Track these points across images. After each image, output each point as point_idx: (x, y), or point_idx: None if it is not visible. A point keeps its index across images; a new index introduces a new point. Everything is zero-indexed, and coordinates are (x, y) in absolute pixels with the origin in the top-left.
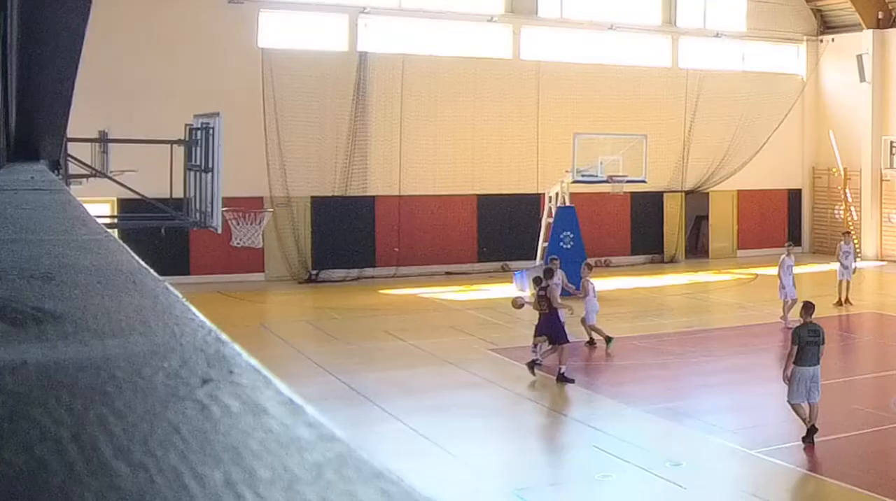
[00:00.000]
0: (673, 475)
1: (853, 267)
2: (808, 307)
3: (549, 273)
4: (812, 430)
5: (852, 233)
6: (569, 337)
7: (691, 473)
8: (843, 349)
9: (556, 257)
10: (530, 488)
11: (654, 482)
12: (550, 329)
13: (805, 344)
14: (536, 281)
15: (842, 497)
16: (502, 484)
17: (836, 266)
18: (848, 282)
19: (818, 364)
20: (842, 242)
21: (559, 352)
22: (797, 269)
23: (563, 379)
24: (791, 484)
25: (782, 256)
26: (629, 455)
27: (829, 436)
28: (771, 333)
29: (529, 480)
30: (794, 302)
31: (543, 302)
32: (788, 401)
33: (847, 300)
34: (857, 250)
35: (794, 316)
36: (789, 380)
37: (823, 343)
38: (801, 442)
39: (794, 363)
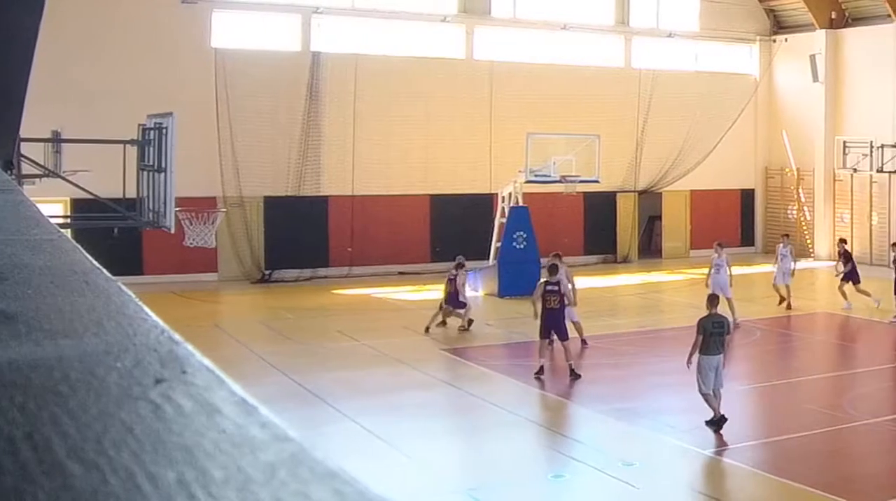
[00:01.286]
0: (626, 475)
1: (792, 268)
2: (712, 299)
3: (554, 268)
4: (722, 420)
5: (791, 235)
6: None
7: (644, 473)
8: (796, 349)
9: (559, 253)
10: (483, 488)
11: (606, 482)
12: (558, 325)
13: (710, 334)
14: (552, 269)
15: (795, 496)
16: (455, 484)
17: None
18: (787, 286)
19: (722, 352)
20: (780, 244)
21: (566, 350)
22: (749, 269)
23: (574, 374)
24: (744, 484)
25: (712, 256)
26: (582, 454)
27: (782, 436)
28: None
29: (482, 480)
30: (728, 300)
31: (554, 297)
32: (700, 391)
33: (789, 304)
34: (811, 250)
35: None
36: (697, 370)
37: (729, 333)
38: (711, 431)
39: (700, 352)
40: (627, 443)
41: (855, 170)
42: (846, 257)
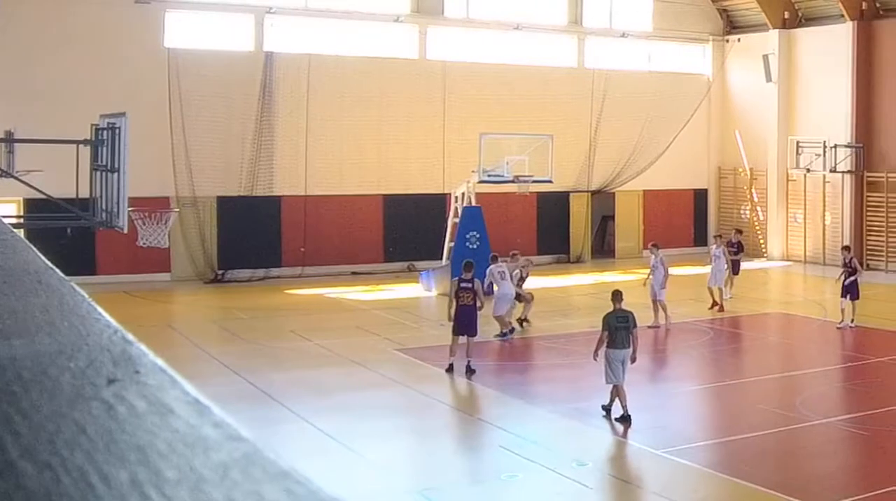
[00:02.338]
0: (579, 474)
1: (724, 269)
2: (616, 295)
3: (469, 266)
4: (610, 412)
5: (722, 236)
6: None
7: (597, 473)
8: (748, 349)
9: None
10: (437, 488)
11: (560, 481)
12: (470, 322)
13: (615, 329)
14: (467, 266)
15: (748, 496)
16: (409, 484)
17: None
18: (720, 289)
19: (628, 347)
20: (713, 245)
21: (469, 345)
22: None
23: (470, 370)
24: (697, 484)
25: (651, 257)
26: (535, 454)
27: (735, 436)
28: (676, 333)
29: (436, 480)
30: (660, 302)
31: (468, 294)
32: (607, 382)
33: (721, 307)
34: (764, 251)
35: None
36: (606, 363)
37: (635, 326)
38: (620, 422)
39: (608, 346)
40: (581, 443)
41: (808, 170)
42: (850, 268)
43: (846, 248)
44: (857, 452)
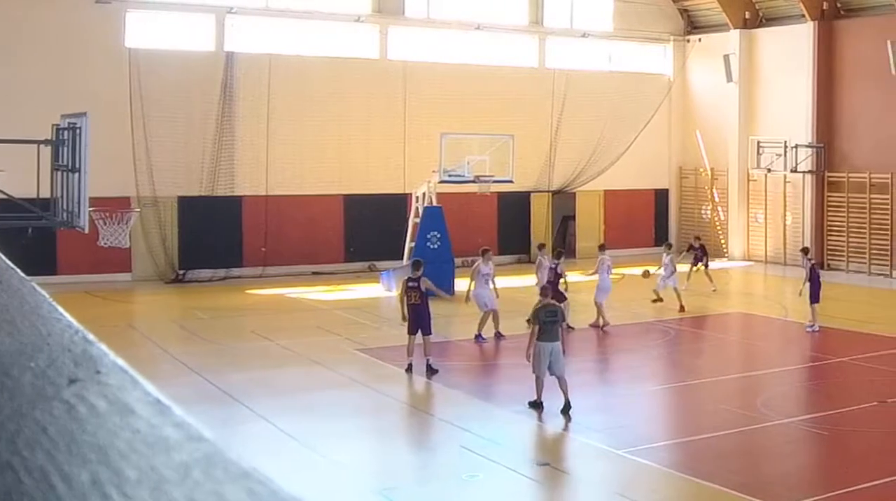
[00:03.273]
0: (540, 474)
1: (673, 274)
2: (544, 290)
3: (417, 265)
4: (567, 407)
5: (673, 244)
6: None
7: (558, 473)
8: (710, 349)
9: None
10: (397, 488)
11: (521, 481)
12: (421, 320)
13: (544, 323)
14: (416, 265)
15: (708, 496)
16: (370, 484)
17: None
18: (675, 289)
19: (558, 340)
20: (664, 254)
21: (426, 344)
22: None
23: (431, 369)
24: (658, 484)
25: (601, 257)
26: (496, 454)
27: (696, 436)
28: (638, 333)
29: (397, 480)
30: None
31: (415, 293)
32: (533, 372)
33: (659, 298)
34: (725, 251)
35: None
36: (535, 356)
37: (563, 320)
38: (536, 412)
39: (537, 340)
40: (541, 443)
41: (769, 170)
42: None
43: (805, 250)
44: (817, 452)
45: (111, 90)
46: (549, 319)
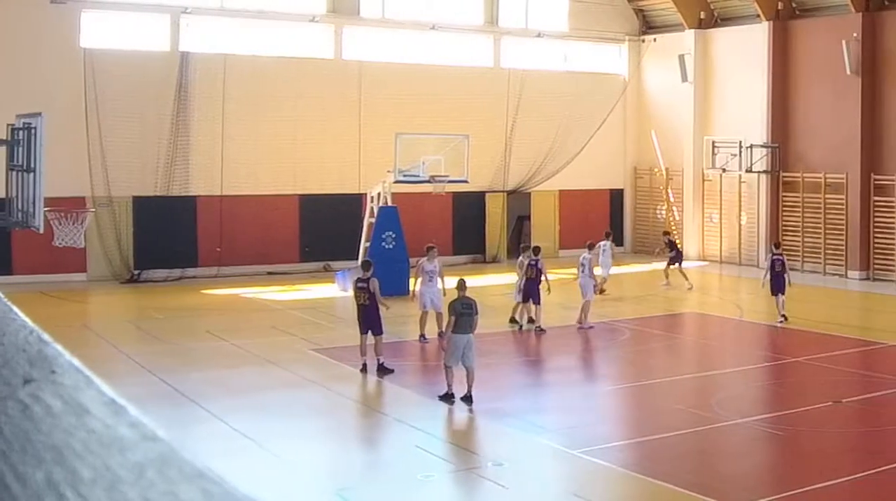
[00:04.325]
0: (495, 475)
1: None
2: (461, 284)
3: (367, 265)
4: (468, 397)
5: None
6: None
7: (513, 473)
8: (665, 349)
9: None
10: (353, 488)
11: (476, 481)
12: (371, 320)
13: (459, 315)
14: (365, 265)
15: (663, 496)
16: (325, 484)
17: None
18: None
19: (471, 332)
20: (602, 241)
21: (377, 344)
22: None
23: (384, 369)
24: (613, 484)
25: (521, 258)
26: (451, 454)
27: (651, 436)
28: (593, 333)
29: (352, 480)
30: (519, 303)
31: (363, 293)
32: (444, 363)
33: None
34: (680, 250)
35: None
36: (448, 346)
37: (476, 313)
38: (447, 405)
39: (452, 331)
40: (497, 443)
41: (724, 170)
42: (778, 265)
43: (776, 245)
44: (772, 452)
45: (66, 90)
46: (464, 312)
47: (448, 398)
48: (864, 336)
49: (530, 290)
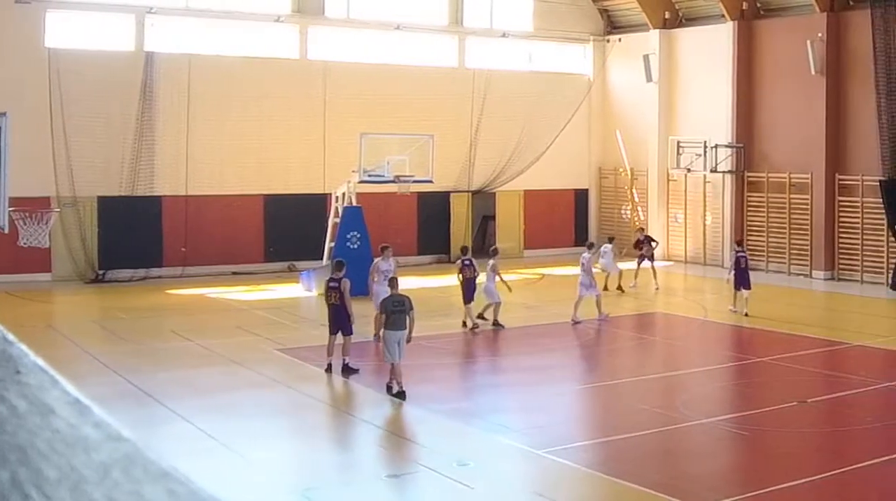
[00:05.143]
0: (460, 475)
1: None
2: (392, 281)
3: (339, 265)
4: (402, 393)
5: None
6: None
7: (479, 473)
8: (631, 349)
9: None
10: (318, 488)
11: (441, 482)
12: (341, 320)
13: (391, 313)
14: (338, 265)
15: (629, 496)
16: (290, 484)
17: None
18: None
19: (404, 329)
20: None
21: (345, 344)
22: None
23: (349, 369)
24: (578, 484)
25: (491, 260)
26: (417, 455)
27: (617, 436)
28: (557, 333)
29: (317, 480)
30: (482, 303)
31: (335, 293)
32: (385, 361)
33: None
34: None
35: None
36: (384, 343)
37: (411, 309)
38: (397, 398)
39: (385, 328)
40: (462, 443)
41: (689, 170)
42: (742, 261)
43: (739, 243)
44: (737, 452)
45: (31, 90)
46: (395, 309)
47: (400, 395)
48: (829, 336)
49: (465, 289)
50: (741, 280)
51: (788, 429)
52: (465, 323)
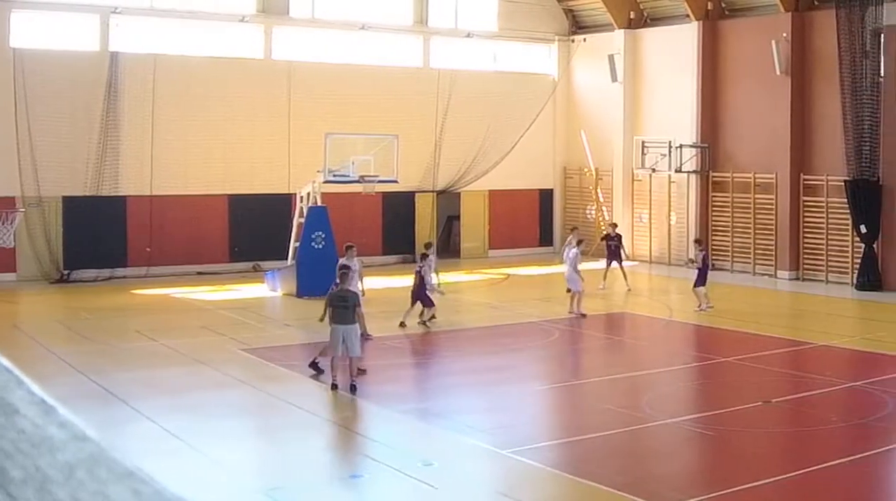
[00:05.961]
0: (425, 475)
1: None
2: (342, 276)
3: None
4: (353, 388)
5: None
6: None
7: (443, 473)
8: (595, 349)
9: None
10: (282, 488)
11: (406, 482)
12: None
13: (334, 307)
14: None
15: (593, 496)
16: (255, 484)
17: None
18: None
19: (349, 323)
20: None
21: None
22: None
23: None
24: (543, 484)
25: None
26: (381, 455)
27: (581, 436)
28: (522, 333)
29: (282, 480)
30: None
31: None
32: (330, 354)
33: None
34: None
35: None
36: (330, 337)
37: (355, 306)
38: (348, 392)
39: (331, 323)
40: (426, 443)
41: (654, 170)
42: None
43: (698, 242)
44: (702, 452)
45: None
46: (338, 304)
47: (333, 387)
48: (794, 336)
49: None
50: (700, 278)
51: (753, 429)
52: (402, 324)
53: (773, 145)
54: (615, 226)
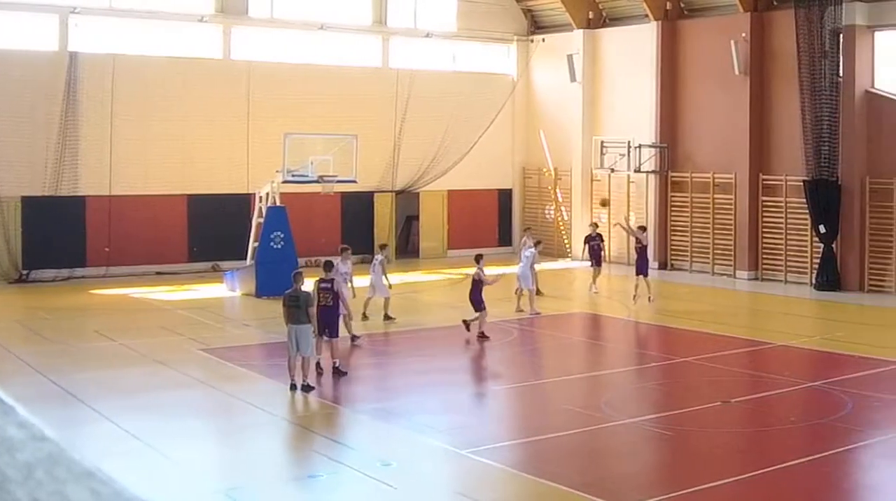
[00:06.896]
0: (384, 475)
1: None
2: (296, 276)
3: (329, 265)
4: (307, 387)
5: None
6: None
7: (402, 473)
8: (554, 349)
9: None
10: (241, 488)
11: (364, 482)
12: (330, 322)
13: (287, 307)
14: (327, 266)
15: (552, 496)
16: (214, 485)
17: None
18: (529, 291)
19: (301, 323)
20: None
21: (332, 347)
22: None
23: (340, 372)
24: (501, 484)
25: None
26: (340, 454)
27: (540, 436)
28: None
29: (240, 480)
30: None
31: (327, 294)
32: (289, 353)
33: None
34: (568, 251)
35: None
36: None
37: (308, 306)
38: (304, 391)
39: (286, 322)
40: (386, 443)
41: (613, 170)
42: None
43: (642, 228)
44: (661, 452)
45: None
46: (290, 304)
47: (291, 387)
48: (753, 336)
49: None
50: (641, 266)
51: (712, 429)
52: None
53: (732, 145)
54: (596, 225)
